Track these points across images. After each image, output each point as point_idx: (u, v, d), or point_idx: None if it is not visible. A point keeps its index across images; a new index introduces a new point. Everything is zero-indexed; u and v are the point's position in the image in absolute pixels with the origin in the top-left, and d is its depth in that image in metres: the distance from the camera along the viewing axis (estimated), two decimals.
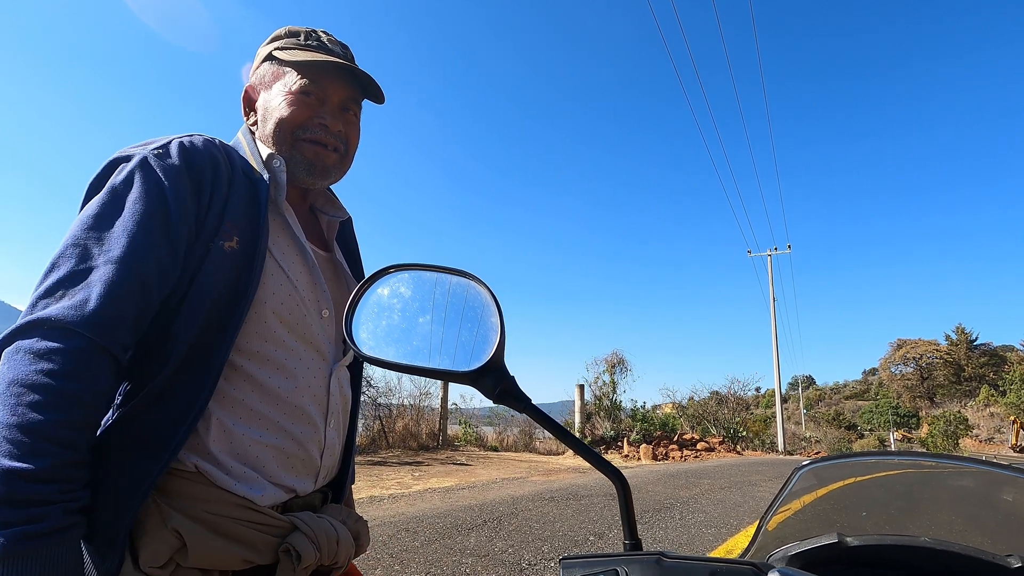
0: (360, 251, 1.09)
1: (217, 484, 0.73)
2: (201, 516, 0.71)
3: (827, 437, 31.44)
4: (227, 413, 0.76)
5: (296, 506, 0.83)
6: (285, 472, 0.80)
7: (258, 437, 0.78)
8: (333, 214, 1.00)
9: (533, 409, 0.62)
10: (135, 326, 0.68)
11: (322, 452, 0.86)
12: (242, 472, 0.76)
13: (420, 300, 0.68)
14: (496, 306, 0.62)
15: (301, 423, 0.82)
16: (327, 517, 0.83)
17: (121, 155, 0.75)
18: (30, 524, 0.56)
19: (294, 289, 0.84)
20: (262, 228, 0.79)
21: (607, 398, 15.78)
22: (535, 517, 5.02)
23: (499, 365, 0.60)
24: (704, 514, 5.62)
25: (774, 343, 23.71)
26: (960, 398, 45.33)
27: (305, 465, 0.83)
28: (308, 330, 0.85)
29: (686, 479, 8.54)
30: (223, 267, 0.75)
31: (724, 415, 19.30)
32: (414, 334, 0.67)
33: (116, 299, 0.65)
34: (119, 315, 0.65)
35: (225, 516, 0.72)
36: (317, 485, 0.87)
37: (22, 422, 0.58)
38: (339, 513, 0.88)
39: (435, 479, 7.39)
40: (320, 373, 0.86)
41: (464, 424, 13.57)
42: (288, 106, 0.88)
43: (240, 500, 0.74)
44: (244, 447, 0.76)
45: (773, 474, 9.75)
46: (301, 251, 0.88)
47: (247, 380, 0.78)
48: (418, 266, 0.69)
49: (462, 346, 0.63)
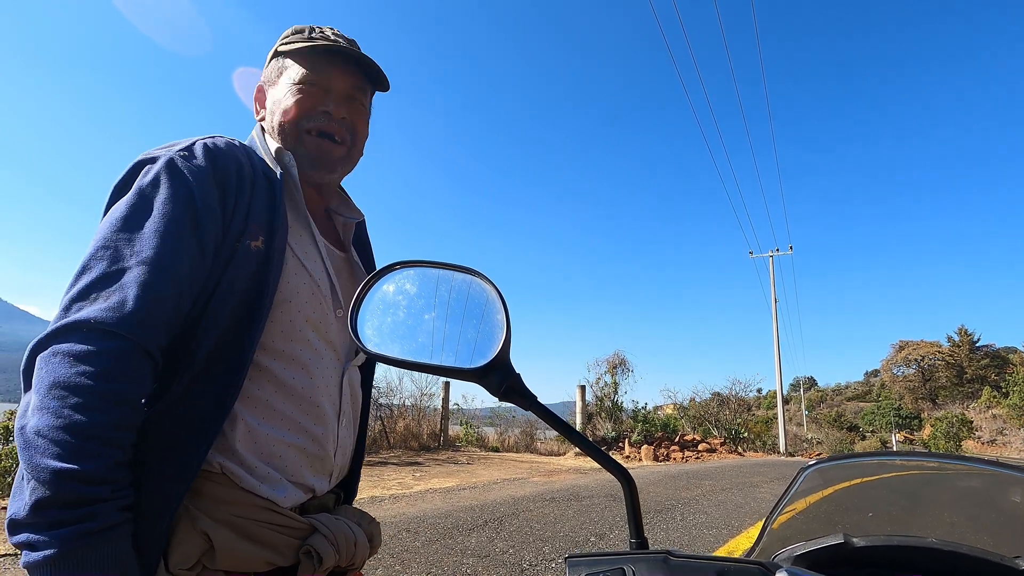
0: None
1: (242, 485, 0.73)
2: (227, 519, 0.71)
3: (829, 438, 31.37)
4: (252, 413, 0.76)
5: (313, 507, 0.83)
6: (306, 471, 0.81)
7: (281, 436, 0.78)
8: (348, 215, 1.00)
9: (539, 407, 0.61)
10: (170, 327, 0.68)
11: (335, 451, 0.86)
12: (266, 473, 0.76)
13: (426, 297, 0.68)
14: (502, 303, 0.62)
15: (320, 422, 0.83)
16: (344, 519, 0.84)
17: (146, 157, 0.75)
18: (84, 522, 0.57)
19: (317, 288, 0.84)
20: (281, 225, 0.79)
21: (608, 399, 15.78)
22: (536, 518, 5.01)
23: (505, 362, 0.59)
24: (705, 515, 5.60)
25: (775, 344, 23.66)
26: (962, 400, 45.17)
27: (323, 464, 0.84)
28: (329, 329, 0.85)
29: (687, 480, 8.53)
30: (249, 267, 0.75)
31: (725, 416, 19.27)
32: (419, 331, 0.66)
33: (153, 301, 0.65)
34: (156, 316, 0.65)
35: (250, 519, 0.73)
36: (331, 484, 0.87)
37: (68, 424, 0.58)
38: (354, 515, 0.88)
39: (436, 479, 7.38)
40: (335, 372, 0.87)
41: (465, 424, 13.56)
42: (292, 97, 0.88)
43: (264, 502, 0.74)
44: (268, 447, 0.76)
45: (775, 475, 9.73)
46: (320, 250, 0.88)
47: (271, 380, 0.78)
48: (424, 263, 0.68)
49: (468, 343, 0.63)
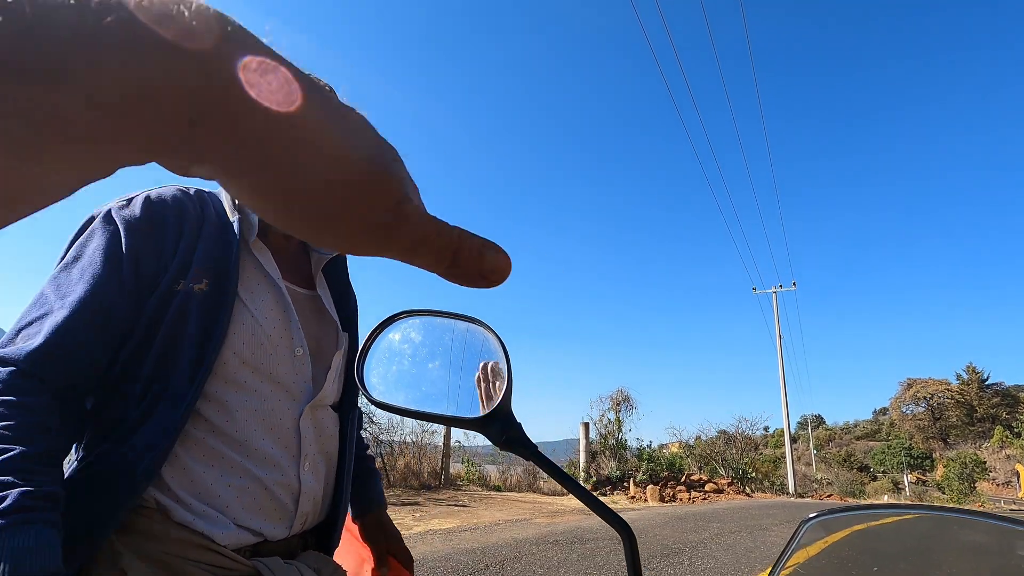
0: (352, 284, 1.08)
1: (175, 519, 0.73)
2: (154, 555, 0.70)
3: (839, 479, 30.57)
4: (187, 451, 0.76)
5: (267, 551, 0.80)
6: (250, 515, 0.78)
7: (219, 477, 0.77)
8: (322, 250, 0.98)
9: (539, 456, 0.62)
10: (80, 359, 0.71)
11: (296, 497, 0.83)
12: (203, 510, 0.75)
13: (430, 346, 0.69)
14: (504, 354, 0.63)
15: (265, 466, 0.80)
16: (297, 564, 0.81)
17: (94, 212, 0.80)
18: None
19: (259, 327, 0.83)
20: (231, 271, 0.81)
21: (612, 436, 15.50)
22: (539, 562, 4.86)
23: (506, 412, 0.60)
24: (714, 560, 5.43)
25: (781, 381, 23.38)
26: (974, 439, 44.21)
27: (275, 510, 0.81)
28: (275, 369, 0.84)
29: (695, 522, 8.29)
30: (192, 309, 0.77)
31: (732, 455, 18.87)
32: (424, 379, 0.67)
33: (59, 335, 0.69)
34: (60, 349, 0.69)
35: (182, 557, 0.71)
36: (293, 531, 0.83)
37: None
38: (315, 561, 0.85)
39: (436, 520, 7.20)
40: (288, 414, 0.84)
41: (467, 463, 13.31)
42: None
43: (199, 539, 0.73)
44: (205, 486, 0.76)
45: (785, 518, 9.45)
46: (273, 289, 0.87)
47: (206, 421, 0.78)
48: (429, 312, 0.70)
49: (470, 393, 0.64)
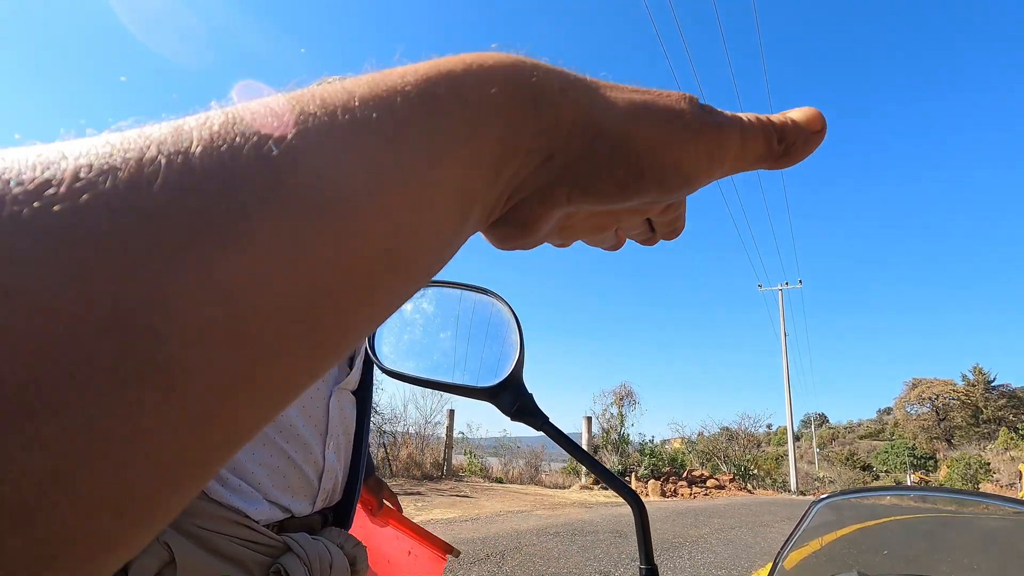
0: None
1: (211, 495, 0.73)
2: (192, 531, 0.71)
3: (841, 477, 30.54)
4: None
5: (292, 527, 0.82)
6: (280, 491, 0.80)
7: (253, 454, 0.78)
8: None
9: (550, 427, 0.61)
10: None
11: (320, 474, 0.85)
12: (237, 485, 0.76)
13: (442, 316, 0.69)
14: (516, 324, 0.63)
15: (296, 444, 0.82)
16: (323, 539, 0.83)
17: None
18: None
19: None
20: None
21: (615, 431, 15.54)
22: (538, 553, 4.89)
23: (517, 382, 0.60)
24: (714, 554, 5.44)
25: (785, 379, 23.33)
26: (979, 440, 44.00)
27: (303, 487, 0.83)
28: None
29: (695, 517, 8.31)
30: None
31: (735, 452, 18.88)
32: (435, 349, 0.67)
33: None
34: None
35: (217, 532, 0.72)
36: (316, 508, 0.86)
37: None
38: (337, 536, 0.87)
39: (438, 510, 7.25)
40: (319, 395, 0.87)
41: (469, 454, 13.37)
42: None
43: (234, 515, 0.74)
44: (241, 463, 0.77)
45: (786, 515, 9.45)
46: None
47: None
48: (441, 283, 0.70)
49: (481, 362, 0.64)
